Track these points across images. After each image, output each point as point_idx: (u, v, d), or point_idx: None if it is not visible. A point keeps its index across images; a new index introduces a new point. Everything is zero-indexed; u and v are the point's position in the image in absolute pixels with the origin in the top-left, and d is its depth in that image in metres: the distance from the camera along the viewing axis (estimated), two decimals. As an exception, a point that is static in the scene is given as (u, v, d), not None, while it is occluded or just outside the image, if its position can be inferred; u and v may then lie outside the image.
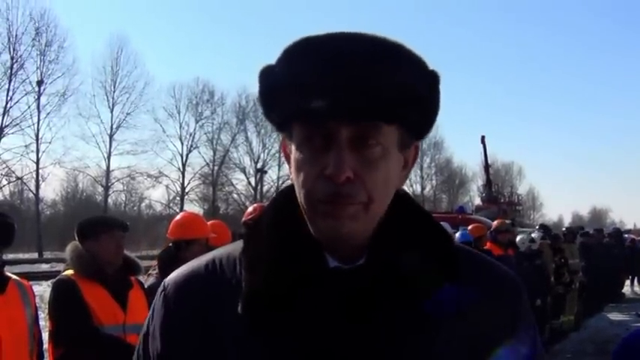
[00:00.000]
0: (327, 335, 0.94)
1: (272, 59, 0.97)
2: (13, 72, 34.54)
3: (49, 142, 36.01)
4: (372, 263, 0.97)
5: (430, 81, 0.96)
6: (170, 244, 4.04)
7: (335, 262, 0.98)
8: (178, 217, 4.23)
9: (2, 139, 34.53)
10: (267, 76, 0.96)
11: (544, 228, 11.26)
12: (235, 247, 1.06)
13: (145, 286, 3.72)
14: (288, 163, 0.99)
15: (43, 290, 10.16)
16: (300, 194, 0.96)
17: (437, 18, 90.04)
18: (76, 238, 3.44)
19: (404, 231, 1.00)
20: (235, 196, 47.62)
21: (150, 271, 4.11)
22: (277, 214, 1.03)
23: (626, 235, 18.37)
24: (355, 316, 0.94)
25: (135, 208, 47.29)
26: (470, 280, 1.00)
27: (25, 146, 35.21)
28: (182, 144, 44.31)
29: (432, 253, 1.00)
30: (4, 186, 37.48)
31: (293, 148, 0.96)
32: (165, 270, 3.77)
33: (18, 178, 37.25)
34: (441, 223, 1.11)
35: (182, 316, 1.01)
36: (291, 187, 1.02)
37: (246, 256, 1.01)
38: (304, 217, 0.97)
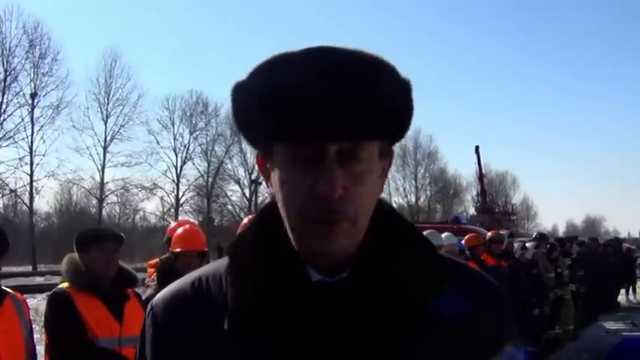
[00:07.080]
0: (314, 350, 0.92)
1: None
2: (6, 85, 34.62)
3: (43, 155, 36.02)
4: (357, 275, 0.95)
5: (406, 88, 0.95)
6: (167, 255, 4.20)
7: (318, 276, 0.96)
8: (180, 229, 4.36)
9: (-4, 152, 34.53)
10: (246, 92, 0.93)
11: (541, 237, 11.17)
12: (222, 264, 1.05)
13: (143, 298, 3.71)
14: (266, 178, 0.99)
15: (37, 303, 10.11)
16: (286, 213, 0.94)
17: (430, 27, 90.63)
18: (74, 250, 3.45)
19: (387, 241, 0.99)
20: (230, 207, 47.58)
21: (147, 282, 4.13)
22: (260, 231, 1.02)
23: (623, 245, 18.38)
24: (342, 329, 0.93)
25: (129, 220, 47.16)
26: (457, 289, 0.99)
27: (19, 159, 35.24)
28: (176, 156, 44.16)
29: (416, 263, 0.98)
30: (-3, 199, 37.43)
31: (276, 164, 0.94)
32: (162, 281, 3.80)
33: (12, 191, 37.20)
34: (445, 233, 1.11)
35: (171, 336, 1.02)
36: (273, 202, 1.01)
37: (230, 273, 1.00)
38: (287, 233, 0.96)
